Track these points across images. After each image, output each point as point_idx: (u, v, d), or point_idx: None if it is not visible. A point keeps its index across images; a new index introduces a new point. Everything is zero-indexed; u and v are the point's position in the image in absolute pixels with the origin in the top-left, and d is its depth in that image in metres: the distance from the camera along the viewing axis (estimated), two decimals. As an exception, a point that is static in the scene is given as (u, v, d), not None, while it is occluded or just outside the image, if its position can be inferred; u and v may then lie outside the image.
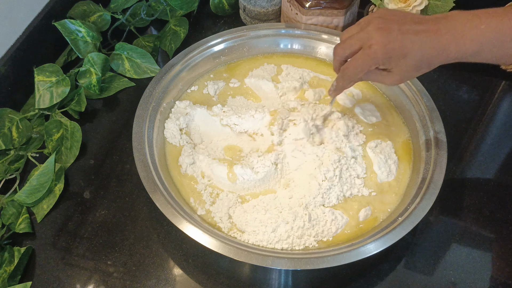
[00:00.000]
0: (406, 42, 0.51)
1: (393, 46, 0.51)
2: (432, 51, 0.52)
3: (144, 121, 0.66)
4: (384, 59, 0.52)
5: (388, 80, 0.56)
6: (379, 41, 0.52)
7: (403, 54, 0.52)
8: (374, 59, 0.53)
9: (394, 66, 0.53)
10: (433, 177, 0.60)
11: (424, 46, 0.51)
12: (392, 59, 0.52)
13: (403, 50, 0.52)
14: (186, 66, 0.74)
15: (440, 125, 0.65)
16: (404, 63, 0.52)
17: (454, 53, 0.52)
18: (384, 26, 0.52)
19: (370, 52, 0.52)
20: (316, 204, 0.60)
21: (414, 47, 0.51)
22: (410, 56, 0.52)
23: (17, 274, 0.59)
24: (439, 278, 0.60)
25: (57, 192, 0.66)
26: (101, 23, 0.85)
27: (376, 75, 0.56)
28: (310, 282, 0.59)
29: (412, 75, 0.55)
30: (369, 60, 0.53)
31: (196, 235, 0.55)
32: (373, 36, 0.52)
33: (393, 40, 0.51)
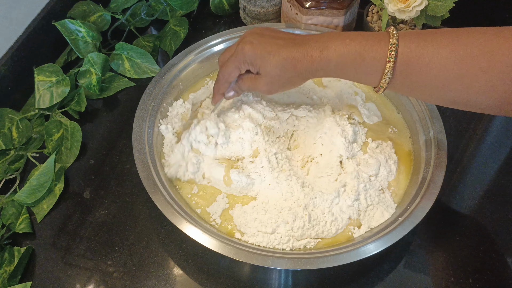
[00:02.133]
0: (273, 43, 0.54)
1: (260, 45, 0.55)
2: (297, 53, 0.53)
3: (144, 121, 0.66)
4: (251, 57, 0.55)
5: (260, 85, 0.57)
6: (248, 40, 0.56)
7: (268, 51, 0.54)
8: (241, 55, 0.56)
9: (261, 66, 0.55)
10: (433, 177, 0.60)
11: (288, 47, 0.54)
12: (258, 57, 0.55)
13: (268, 48, 0.54)
14: (186, 66, 0.74)
15: (440, 125, 0.65)
16: (268, 61, 0.54)
17: (318, 61, 0.53)
18: (258, 32, 0.57)
19: (239, 49, 0.56)
20: (315, 205, 0.60)
21: (279, 47, 0.54)
22: (274, 54, 0.54)
23: (17, 274, 0.59)
24: (439, 278, 0.60)
25: (57, 192, 0.66)
26: (101, 23, 0.85)
27: (249, 80, 0.59)
28: (310, 282, 0.59)
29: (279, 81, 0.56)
30: (238, 56, 0.56)
31: (196, 235, 0.55)
32: (245, 37, 0.57)
33: (262, 41, 0.55)
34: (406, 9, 0.72)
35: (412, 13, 0.73)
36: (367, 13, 0.84)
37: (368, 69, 0.51)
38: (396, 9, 0.73)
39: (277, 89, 0.58)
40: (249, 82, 0.59)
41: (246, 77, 0.59)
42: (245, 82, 0.59)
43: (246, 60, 0.56)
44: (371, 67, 0.51)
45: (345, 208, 0.60)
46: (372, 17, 0.84)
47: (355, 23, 0.84)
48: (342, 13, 0.78)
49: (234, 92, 0.62)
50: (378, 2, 0.78)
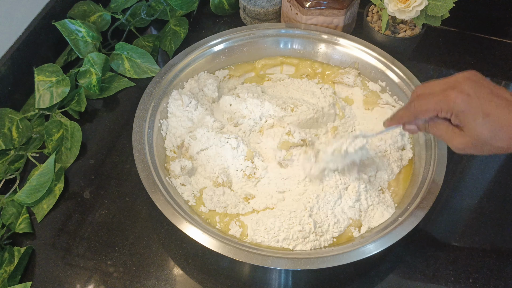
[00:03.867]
0: (494, 103, 0.46)
1: (479, 100, 0.46)
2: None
3: (144, 121, 0.66)
4: (460, 109, 0.47)
5: (456, 141, 0.49)
6: (465, 89, 0.47)
7: (485, 112, 0.46)
8: (450, 103, 0.47)
9: (469, 123, 0.47)
10: (433, 177, 0.60)
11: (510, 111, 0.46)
12: (470, 114, 0.47)
13: (486, 108, 0.46)
14: (186, 66, 0.74)
15: (440, 125, 0.65)
16: (482, 123, 0.46)
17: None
18: (476, 80, 0.48)
19: (449, 94, 0.47)
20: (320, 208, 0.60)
21: (500, 110, 0.46)
22: (492, 118, 0.46)
23: (17, 274, 0.59)
24: (439, 278, 0.60)
25: (57, 192, 0.66)
26: (101, 23, 0.85)
27: (444, 128, 0.51)
28: (310, 282, 0.59)
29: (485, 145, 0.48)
30: (445, 102, 0.48)
31: (196, 235, 0.55)
32: (460, 82, 0.48)
33: (480, 94, 0.47)
34: (406, 9, 0.72)
35: (412, 13, 0.73)
36: (367, 13, 0.84)
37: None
38: (396, 9, 0.73)
39: (475, 152, 0.50)
40: (444, 132, 0.51)
41: (443, 125, 0.51)
42: (438, 130, 0.51)
43: (451, 110, 0.48)
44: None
45: (346, 209, 0.60)
46: (372, 17, 0.84)
47: (355, 23, 0.84)
48: (342, 13, 0.78)
49: (416, 128, 0.54)
50: (378, 2, 0.78)
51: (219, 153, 0.65)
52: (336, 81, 0.76)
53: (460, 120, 0.48)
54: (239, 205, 0.62)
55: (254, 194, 0.63)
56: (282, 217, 0.59)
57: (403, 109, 0.53)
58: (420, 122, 0.53)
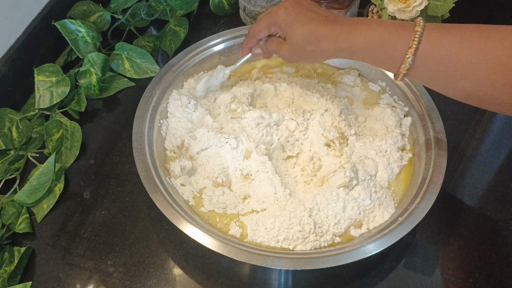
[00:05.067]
0: (307, 15, 0.56)
1: (294, 12, 0.57)
2: (324, 30, 0.55)
3: (144, 121, 0.66)
4: (282, 20, 0.57)
5: (283, 49, 0.59)
6: (286, 5, 0.58)
7: (298, 20, 0.56)
8: (274, 16, 0.58)
9: (288, 31, 0.57)
10: (433, 177, 0.60)
11: (319, 22, 0.55)
12: (289, 22, 0.57)
13: (300, 17, 0.56)
14: (186, 66, 0.74)
15: (440, 125, 0.65)
16: (296, 29, 0.56)
17: (342, 41, 0.54)
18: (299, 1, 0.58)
19: (273, 10, 0.59)
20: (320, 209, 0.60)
21: (310, 19, 0.56)
22: (303, 24, 0.56)
23: (17, 274, 0.59)
24: (439, 278, 0.60)
25: (57, 192, 0.66)
26: (101, 23, 0.85)
27: (275, 42, 0.61)
28: (310, 282, 0.59)
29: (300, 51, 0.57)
30: (271, 17, 0.59)
31: (196, 235, 0.55)
32: (284, 2, 0.59)
33: (297, 9, 0.57)
34: (406, 9, 0.72)
35: (412, 13, 0.73)
36: (367, 13, 0.84)
37: (390, 53, 0.52)
38: (396, 9, 0.73)
39: (297, 59, 0.60)
40: (275, 45, 0.61)
41: (274, 39, 0.62)
42: (272, 44, 0.62)
43: (276, 23, 0.58)
44: (393, 52, 0.52)
45: (346, 209, 0.60)
46: (372, 17, 0.84)
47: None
48: (342, 13, 0.78)
49: (261, 50, 0.64)
50: (378, 2, 0.78)
51: (219, 153, 0.65)
52: (337, 81, 0.76)
53: (282, 30, 0.58)
54: (239, 205, 0.62)
55: (252, 194, 0.63)
56: (282, 217, 0.59)
57: (246, 37, 0.65)
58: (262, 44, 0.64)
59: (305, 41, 0.56)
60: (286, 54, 0.60)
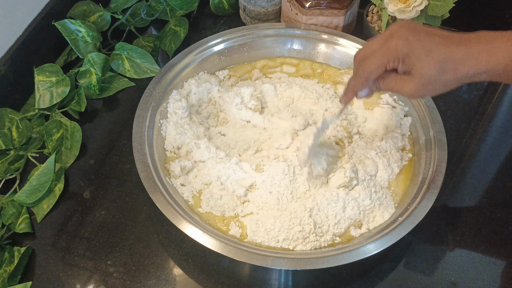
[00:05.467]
0: (432, 41, 0.48)
1: (417, 40, 0.48)
2: (460, 54, 0.47)
3: (144, 121, 0.66)
4: (404, 53, 0.48)
5: (408, 87, 0.50)
6: (402, 34, 0.48)
7: (426, 50, 0.48)
8: (393, 51, 0.49)
9: (415, 64, 0.48)
10: (433, 177, 0.60)
11: (449, 46, 0.47)
12: (413, 54, 0.48)
13: (427, 46, 0.48)
14: (186, 66, 0.74)
15: (440, 125, 0.66)
16: (427, 61, 0.48)
17: (485, 64, 0.47)
18: (409, 26, 0.49)
19: (390, 44, 0.49)
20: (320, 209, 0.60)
21: (440, 46, 0.48)
22: (434, 52, 0.47)
23: (17, 274, 0.59)
24: (439, 278, 0.60)
25: (57, 192, 0.66)
26: (101, 23, 0.85)
27: (394, 80, 0.52)
28: (310, 282, 0.59)
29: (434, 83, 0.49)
30: (388, 52, 0.49)
31: (196, 235, 0.55)
32: (396, 31, 0.49)
33: (418, 36, 0.48)
34: (406, 9, 0.72)
35: (412, 13, 0.73)
36: (367, 13, 0.84)
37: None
38: (396, 9, 0.73)
39: (428, 93, 0.51)
40: (394, 82, 0.52)
41: (391, 76, 0.52)
42: (389, 82, 0.52)
43: (398, 57, 0.49)
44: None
45: (346, 209, 0.60)
46: (372, 17, 0.84)
47: (355, 23, 0.84)
48: (342, 13, 0.78)
49: (369, 91, 0.55)
50: (378, 2, 0.78)
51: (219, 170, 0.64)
52: (337, 81, 0.76)
53: (406, 64, 0.49)
54: (237, 208, 0.62)
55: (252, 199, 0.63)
56: (282, 217, 0.59)
57: (353, 79, 0.54)
58: (370, 84, 0.54)
59: (440, 71, 0.48)
60: (412, 90, 0.50)
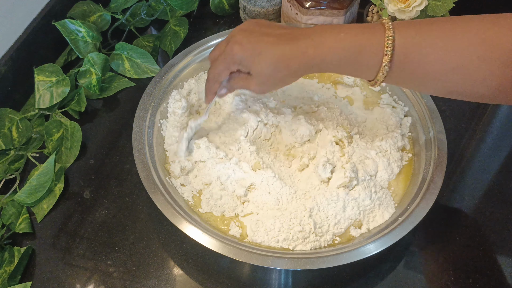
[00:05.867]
0: (263, 41, 0.52)
1: (249, 44, 0.52)
2: (289, 51, 0.51)
3: (144, 121, 0.66)
4: (240, 57, 0.53)
5: (252, 85, 0.55)
6: (237, 39, 0.53)
7: (257, 51, 0.52)
8: (230, 56, 0.54)
9: (251, 66, 0.53)
10: (433, 177, 0.60)
11: (279, 45, 0.51)
12: (248, 57, 0.53)
13: (258, 47, 0.52)
14: (186, 66, 0.74)
15: (440, 125, 0.65)
16: (259, 61, 0.52)
17: (313, 58, 0.50)
18: (247, 28, 0.54)
19: (227, 49, 0.54)
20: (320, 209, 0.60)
21: (269, 45, 0.52)
22: (264, 53, 0.52)
23: (17, 274, 0.59)
24: (439, 278, 0.60)
25: (57, 192, 0.66)
26: (101, 23, 0.85)
27: (240, 79, 0.57)
28: (310, 282, 0.59)
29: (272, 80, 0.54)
30: (227, 57, 0.54)
31: (196, 235, 0.55)
32: (234, 35, 0.54)
33: (251, 39, 0.52)
34: (406, 9, 0.72)
35: (412, 13, 0.73)
36: (367, 13, 0.84)
37: (365, 63, 0.50)
38: (396, 9, 0.73)
39: (269, 89, 0.57)
40: (241, 82, 0.57)
41: (238, 76, 0.57)
42: (237, 82, 0.58)
43: (235, 61, 0.54)
44: (368, 61, 0.50)
45: (347, 209, 0.60)
46: (372, 17, 0.84)
47: (355, 23, 0.84)
48: (342, 13, 0.78)
49: (226, 89, 0.60)
50: (378, 2, 0.78)
51: (219, 170, 0.64)
52: (337, 81, 0.76)
53: (244, 66, 0.54)
54: (237, 208, 0.62)
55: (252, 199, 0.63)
56: (282, 217, 0.59)
57: (206, 82, 0.60)
58: (226, 83, 0.59)
59: (273, 70, 0.52)
60: (256, 88, 0.56)
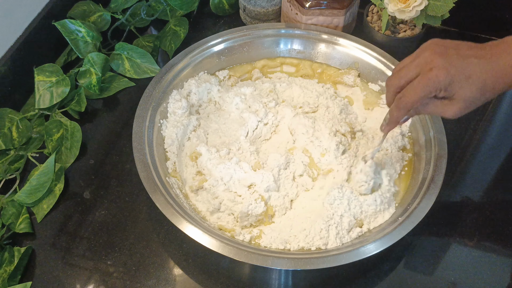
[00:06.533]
0: (468, 65, 0.49)
1: (455, 69, 0.49)
2: (496, 73, 0.50)
3: (144, 121, 0.66)
4: (446, 83, 0.49)
5: (451, 110, 0.52)
6: (440, 64, 0.49)
7: (466, 76, 0.49)
8: (435, 82, 0.49)
9: (458, 91, 0.50)
10: (433, 177, 0.60)
11: (486, 67, 0.50)
12: (455, 83, 0.49)
13: (466, 72, 0.49)
14: (186, 66, 0.74)
15: (440, 125, 0.66)
16: (468, 87, 0.50)
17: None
18: (442, 51, 0.50)
19: (431, 76, 0.49)
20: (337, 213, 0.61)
21: (477, 69, 0.49)
22: (474, 78, 0.49)
23: (17, 274, 0.59)
24: (439, 278, 0.60)
25: (57, 192, 0.66)
26: (101, 23, 0.85)
27: (435, 105, 0.53)
28: (310, 282, 0.59)
29: (476, 102, 0.51)
30: (430, 84, 0.50)
31: (196, 235, 0.55)
32: (431, 60, 0.50)
33: (454, 63, 0.49)
34: (406, 9, 0.72)
35: (412, 13, 0.73)
36: (367, 13, 0.84)
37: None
38: (396, 9, 0.73)
39: (468, 111, 0.53)
40: (435, 108, 0.53)
41: (432, 103, 0.53)
42: (429, 108, 0.53)
43: (440, 88, 0.50)
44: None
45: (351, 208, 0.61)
46: (372, 17, 0.84)
47: (355, 23, 0.84)
48: (342, 13, 0.78)
49: (409, 116, 0.57)
50: (378, 2, 0.78)
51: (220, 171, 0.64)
52: (337, 81, 0.77)
53: (448, 92, 0.50)
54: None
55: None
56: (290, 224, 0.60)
57: (394, 109, 0.54)
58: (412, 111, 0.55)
59: (481, 93, 0.50)
60: (457, 113, 0.52)
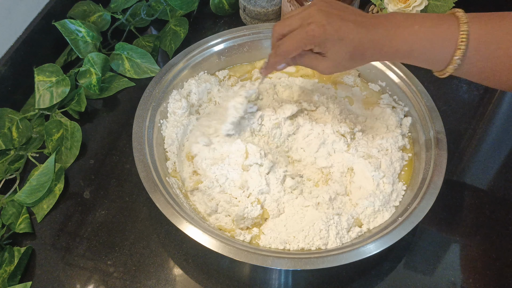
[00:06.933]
0: (344, 27, 0.51)
1: (332, 28, 0.51)
2: (367, 42, 0.52)
3: (144, 121, 0.66)
4: (320, 39, 0.52)
5: (321, 66, 0.55)
6: (318, 20, 0.52)
7: (339, 37, 0.51)
8: (311, 36, 0.52)
9: (329, 49, 0.53)
10: (433, 177, 0.60)
11: (360, 34, 0.52)
12: (328, 41, 0.52)
13: (340, 33, 0.51)
14: (186, 66, 0.74)
15: (440, 125, 0.65)
16: (339, 48, 0.52)
17: (386, 49, 0.52)
18: (326, 10, 0.53)
19: (308, 30, 0.52)
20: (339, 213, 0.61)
21: (351, 33, 0.51)
22: (346, 41, 0.51)
23: (17, 274, 0.59)
24: (439, 278, 0.60)
25: (57, 192, 0.66)
26: (101, 23, 0.85)
27: (310, 58, 0.56)
28: (310, 282, 0.59)
29: (344, 65, 0.54)
30: (306, 37, 0.53)
31: (196, 235, 0.55)
32: (313, 15, 0.52)
33: (333, 22, 0.51)
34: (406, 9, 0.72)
35: (412, 13, 0.73)
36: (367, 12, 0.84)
37: (436, 56, 0.51)
38: (396, 9, 0.73)
39: (336, 71, 0.56)
40: (309, 60, 0.56)
41: (308, 55, 0.56)
42: (306, 60, 0.56)
43: (314, 42, 0.52)
44: (440, 54, 0.51)
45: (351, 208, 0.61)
46: (372, 17, 0.84)
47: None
48: (342, 13, 0.77)
49: (286, 64, 0.59)
50: (378, 2, 0.78)
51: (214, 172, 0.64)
52: (337, 81, 0.76)
53: (322, 48, 0.53)
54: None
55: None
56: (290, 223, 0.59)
57: (273, 55, 0.57)
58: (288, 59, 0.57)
59: (350, 57, 0.53)
60: (325, 69, 0.55)
